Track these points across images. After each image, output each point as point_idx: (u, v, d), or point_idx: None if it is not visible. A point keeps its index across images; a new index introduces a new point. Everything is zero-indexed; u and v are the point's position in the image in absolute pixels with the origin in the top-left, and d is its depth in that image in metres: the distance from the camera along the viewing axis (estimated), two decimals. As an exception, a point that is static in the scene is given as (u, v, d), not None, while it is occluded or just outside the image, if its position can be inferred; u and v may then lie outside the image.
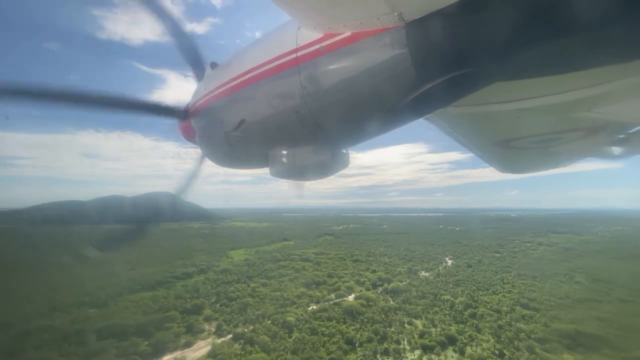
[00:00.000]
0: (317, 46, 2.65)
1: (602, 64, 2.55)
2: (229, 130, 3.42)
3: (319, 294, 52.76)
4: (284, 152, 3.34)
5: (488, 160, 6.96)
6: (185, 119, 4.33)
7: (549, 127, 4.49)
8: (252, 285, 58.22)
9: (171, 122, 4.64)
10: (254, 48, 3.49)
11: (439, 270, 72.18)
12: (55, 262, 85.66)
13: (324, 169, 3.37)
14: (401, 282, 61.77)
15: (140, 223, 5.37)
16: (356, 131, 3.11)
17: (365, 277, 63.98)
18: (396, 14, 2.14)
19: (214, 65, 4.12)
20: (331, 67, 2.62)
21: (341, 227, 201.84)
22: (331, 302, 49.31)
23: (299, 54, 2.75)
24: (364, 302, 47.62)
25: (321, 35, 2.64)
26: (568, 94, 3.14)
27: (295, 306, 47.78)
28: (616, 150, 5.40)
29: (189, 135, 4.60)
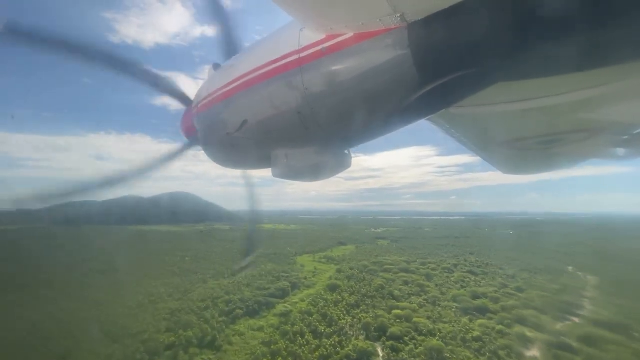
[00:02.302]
0: (320, 47, 2.58)
1: (606, 65, 2.35)
2: (232, 131, 3.34)
3: (517, 330, 36.43)
4: (286, 153, 3.26)
5: (491, 161, 6.60)
6: (189, 104, 4.38)
7: (553, 128, 4.28)
8: (394, 311, 42.01)
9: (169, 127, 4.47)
10: (257, 49, 3.40)
11: (598, 287, 55.61)
12: (96, 270, 70.50)
13: (326, 170, 3.27)
14: (584, 303, 45.38)
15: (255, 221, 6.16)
16: (358, 132, 3.00)
17: (534, 299, 47.49)
18: (398, 14, 2.07)
19: (216, 67, 4.00)
20: (333, 68, 2.54)
21: (380, 230, 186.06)
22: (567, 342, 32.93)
23: (302, 55, 2.68)
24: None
25: (323, 36, 2.56)
26: (572, 95, 2.98)
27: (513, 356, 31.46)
28: (620, 151, 5.13)
29: (191, 135, 4.52)
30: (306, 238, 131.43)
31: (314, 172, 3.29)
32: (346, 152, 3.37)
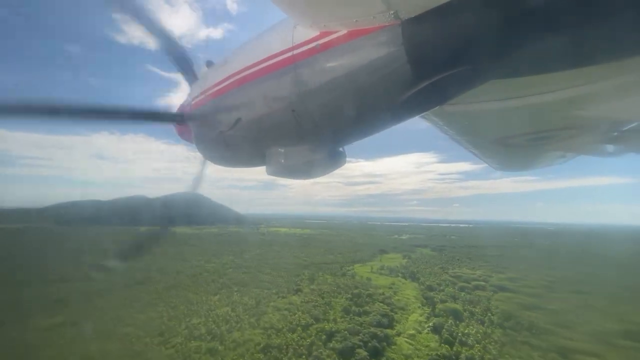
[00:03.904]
0: (313, 44, 2.50)
1: (597, 62, 2.39)
2: (225, 129, 3.24)
3: None
4: (281, 150, 3.14)
5: (484, 158, 6.49)
6: (182, 122, 4.16)
7: (545, 125, 4.27)
8: (576, 357, 29.98)
9: (170, 128, 4.64)
10: (250, 46, 3.25)
11: None
12: (135, 280, 57.87)
13: (320, 167, 3.14)
14: None
15: (166, 224, 5.96)
16: (353, 129, 2.92)
17: None
18: (392, 12, 2.04)
19: (209, 64, 3.91)
20: (327, 65, 2.46)
21: (405, 236, 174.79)
22: None
23: (295, 52, 2.60)
24: None
25: (317, 33, 2.48)
26: (563, 92, 3.00)
27: None
28: (610, 147, 5.13)
29: (185, 135, 4.41)
30: (338, 245, 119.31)
31: (308, 169, 3.15)
32: (340, 149, 3.26)
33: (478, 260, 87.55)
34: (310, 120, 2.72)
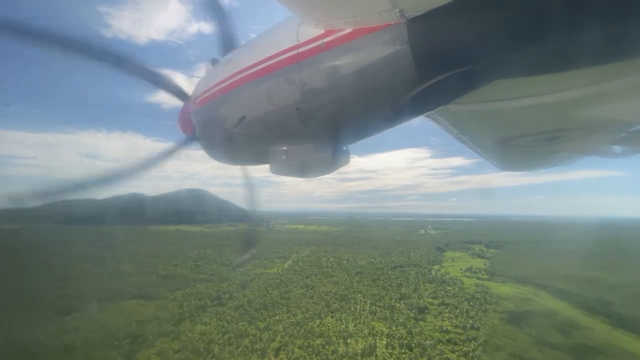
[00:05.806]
0: (318, 42, 2.48)
1: (604, 62, 2.34)
2: (230, 126, 3.25)
3: None
4: (285, 148, 3.12)
5: (489, 158, 6.45)
6: (184, 99, 4.26)
7: (551, 125, 4.20)
8: None
9: (165, 124, 4.78)
10: (255, 44, 3.30)
11: None
12: (206, 296, 43.48)
13: (324, 166, 3.13)
14: None
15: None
16: (357, 128, 2.88)
17: None
18: (397, 10, 2.02)
19: (214, 62, 3.98)
20: (332, 63, 2.44)
21: (434, 232, 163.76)
22: None
23: (300, 50, 2.58)
24: None
25: (322, 31, 2.47)
26: (570, 92, 2.92)
27: None
28: (617, 148, 5.05)
29: (188, 131, 4.38)
30: (381, 242, 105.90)
31: (312, 168, 3.12)
32: (344, 148, 3.23)
33: (561, 258, 75.81)
34: (315, 118, 2.65)
